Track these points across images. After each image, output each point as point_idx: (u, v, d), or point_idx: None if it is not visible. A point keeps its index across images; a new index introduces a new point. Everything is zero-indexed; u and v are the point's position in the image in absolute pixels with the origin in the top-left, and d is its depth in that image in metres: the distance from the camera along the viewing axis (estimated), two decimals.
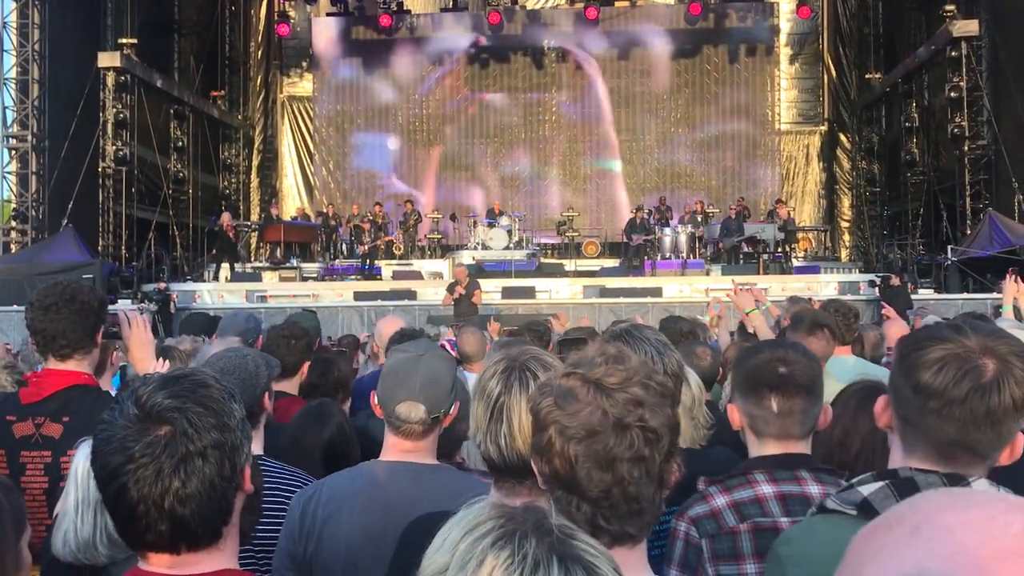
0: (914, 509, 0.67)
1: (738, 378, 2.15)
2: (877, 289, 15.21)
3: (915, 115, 19.77)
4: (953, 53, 17.39)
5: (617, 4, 24.58)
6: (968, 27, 17.07)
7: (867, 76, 22.69)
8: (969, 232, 16.60)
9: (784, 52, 24.65)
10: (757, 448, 2.09)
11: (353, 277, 18.55)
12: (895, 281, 14.66)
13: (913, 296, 14.66)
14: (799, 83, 24.74)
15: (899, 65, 20.22)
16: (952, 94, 17.35)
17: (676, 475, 1.34)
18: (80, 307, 2.64)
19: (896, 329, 5.39)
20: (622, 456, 1.27)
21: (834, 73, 24.26)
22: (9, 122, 16.93)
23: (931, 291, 15.81)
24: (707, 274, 18.03)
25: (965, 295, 14.92)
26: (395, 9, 24.36)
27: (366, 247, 19.23)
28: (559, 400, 1.32)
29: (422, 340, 2.39)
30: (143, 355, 2.85)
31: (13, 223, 16.93)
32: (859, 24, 23.49)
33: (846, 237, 23.85)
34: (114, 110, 17.91)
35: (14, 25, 16.82)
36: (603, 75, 24.56)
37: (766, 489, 2.01)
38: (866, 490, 1.47)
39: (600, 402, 1.29)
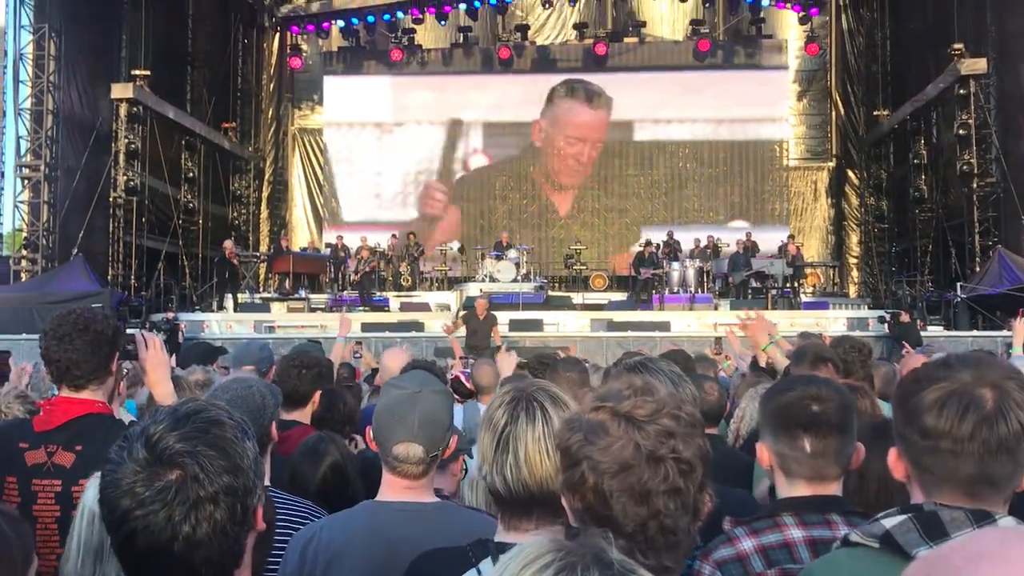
0: (946, 559, 0.65)
1: (768, 416, 2.07)
2: (887, 326, 15.15)
3: (923, 152, 19.80)
4: (961, 91, 17.46)
5: (626, 40, 24.84)
6: (976, 65, 17.15)
7: (875, 113, 22.78)
8: (978, 269, 16.57)
9: (792, 88, 24.79)
10: (787, 488, 2.01)
11: (361, 308, 18.57)
12: (905, 318, 14.61)
13: (923, 333, 14.59)
14: (807, 119, 24.85)
15: (907, 102, 20.30)
16: (961, 131, 17.39)
17: (709, 506, 1.33)
18: (94, 336, 2.62)
19: (912, 364, 5.35)
20: (657, 489, 1.26)
21: (842, 110, 24.37)
22: (23, 151, 17.07)
23: (941, 328, 15.76)
24: (715, 309, 18.00)
25: (975, 332, 14.87)
26: (406, 44, 24.63)
27: (358, 276, 19.27)
28: (589, 435, 1.31)
29: (417, 374, 2.36)
30: (158, 377, 2.83)
31: (24, 251, 17.00)
32: (867, 62, 23.64)
33: (855, 273, 23.82)
34: (126, 140, 18.06)
35: (30, 57, 17.01)
36: (611, 109, 24.69)
37: (795, 533, 1.92)
38: (889, 523, 1.45)
39: (632, 435, 1.28)
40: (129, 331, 2.85)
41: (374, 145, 25.29)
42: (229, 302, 18.62)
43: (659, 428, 1.29)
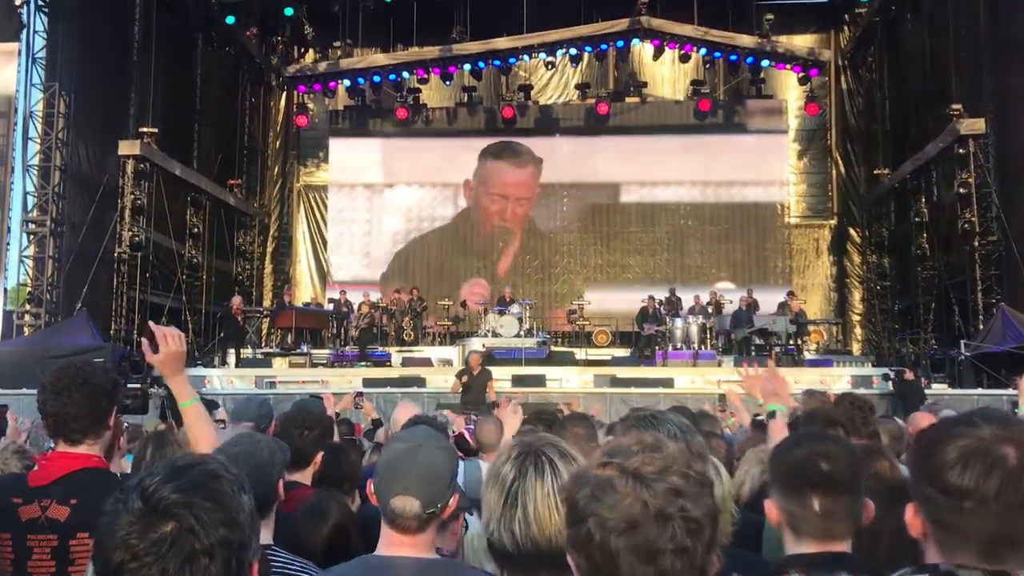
0: None
1: (777, 473, 2.06)
2: (891, 383, 15.08)
3: (924, 210, 19.91)
4: (961, 150, 17.61)
5: (627, 100, 25.17)
6: (975, 125, 17.33)
7: (876, 172, 22.95)
8: (982, 327, 16.54)
9: (793, 147, 25.04)
10: (794, 546, 1.99)
11: (363, 364, 18.54)
12: (909, 376, 14.55)
13: (927, 391, 14.51)
14: (808, 177, 25.05)
15: (907, 161, 20.47)
16: (961, 190, 17.50)
17: (717, 566, 1.31)
18: (93, 390, 2.61)
19: (920, 422, 5.31)
20: (664, 548, 1.24)
21: (843, 168, 24.59)
22: (30, 207, 17.21)
23: (945, 386, 15.67)
24: (719, 365, 17.95)
25: (980, 391, 14.78)
26: (411, 103, 24.98)
27: (357, 331, 19.29)
28: (597, 491, 1.29)
29: (420, 428, 2.35)
30: (172, 371, 2.80)
31: (28, 306, 17.04)
32: (867, 121, 23.91)
33: (858, 331, 23.78)
34: (132, 196, 18.21)
35: (40, 114, 17.26)
36: (613, 168, 24.93)
37: None
38: None
39: (640, 493, 1.27)
40: (152, 325, 2.81)
41: (377, 203, 25.54)
42: (231, 357, 18.61)
43: (668, 486, 1.27)
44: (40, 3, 17.39)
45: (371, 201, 25.63)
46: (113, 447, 3.19)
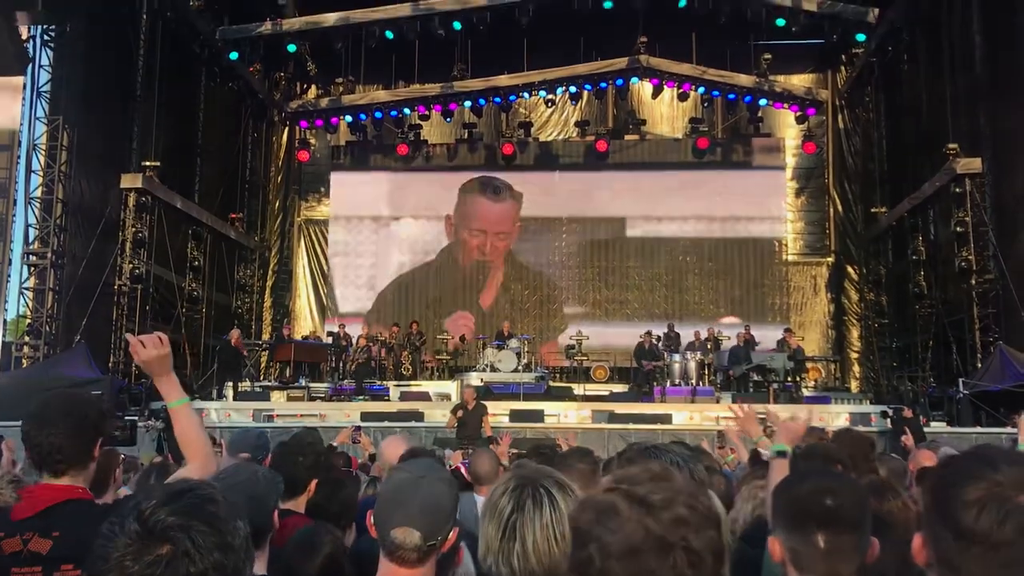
0: None
1: (780, 509, 2.02)
2: (889, 421, 15.05)
3: (922, 248, 19.99)
4: (957, 189, 17.73)
5: (627, 137, 25.39)
6: (971, 164, 17.45)
7: (873, 210, 23.06)
8: (980, 365, 16.53)
9: (790, 186, 25.18)
10: None
11: (361, 398, 18.50)
12: (907, 413, 14.50)
13: (926, 429, 14.47)
14: (805, 215, 25.16)
15: (904, 200, 20.58)
16: (958, 229, 17.60)
17: None
18: (78, 421, 2.57)
19: (922, 461, 5.31)
20: None
21: (840, 207, 24.71)
22: (31, 239, 17.28)
23: (944, 424, 15.63)
24: (717, 402, 17.89)
25: (979, 429, 14.75)
26: (412, 139, 25.19)
27: (353, 365, 19.26)
28: (601, 516, 1.29)
29: (423, 460, 2.34)
30: (159, 371, 2.77)
31: (27, 338, 17.04)
32: (864, 160, 24.07)
33: (856, 368, 23.75)
34: (133, 229, 18.30)
35: (43, 147, 17.38)
36: (612, 204, 25.06)
37: None
38: None
39: (643, 519, 1.26)
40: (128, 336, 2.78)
41: (379, 237, 25.66)
42: (229, 390, 18.58)
43: (672, 515, 1.26)
44: (46, 38, 17.59)
45: (378, 234, 25.72)
46: (107, 479, 3.19)
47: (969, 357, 17.15)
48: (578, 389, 19.76)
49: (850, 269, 24.42)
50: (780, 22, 21.02)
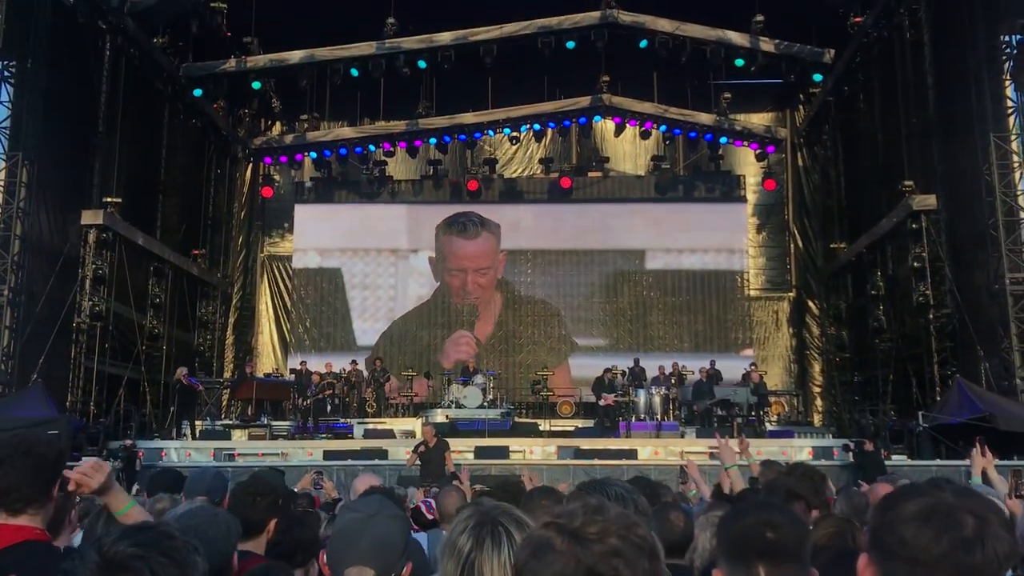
0: None
1: (723, 542, 2.04)
2: (851, 455, 15.17)
3: (880, 283, 20.31)
4: (914, 225, 18.07)
5: (590, 174, 25.65)
6: (927, 201, 17.82)
7: (832, 246, 23.45)
8: (939, 398, 16.75)
9: (751, 221, 25.55)
10: None
11: (324, 436, 18.30)
12: (869, 447, 14.64)
13: (887, 462, 14.62)
14: (766, 251, 25.52)
15: (863, 236, 20.95)
16: (915, 264, 17.92)
17: None
18: (36, 460, 2.54)
19: (881, 492, 5.36)
20: None
21: (800, 243, 25.10)
22: None
23: (904, 457, 15.79)
24: (682, 436, 17.95)
25: (938, 461, 14.91)
26: (377, 175, 25.22)
27: (308, 401, 19.03)
28: (536, 551, 1.31)
29: (373, 498, 2.34)
30: (102, 490, 2.71)
31: None
32: (822, 197, 24.52)
33: (819, 402, 23.99)
34: (93, 266, 18.07)
35: (1, 183, 17.14)
36: (576, 241, 25.24)
37: None
38: None
39: (576, 552, 1.28)
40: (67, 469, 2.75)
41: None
42: (188, 429, 18.30)
43: (604, 547, 1.28)
44: (6, 74, 17.44)
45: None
46: (64, 521, 3.13)
47: (929, 390, 17.38)
48: (544, 425, 19.74)
49: (811, 303, 24.74)
50: (739, 62, 21.45)
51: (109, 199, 18.74)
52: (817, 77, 22.50)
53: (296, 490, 7.23)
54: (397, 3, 19.60)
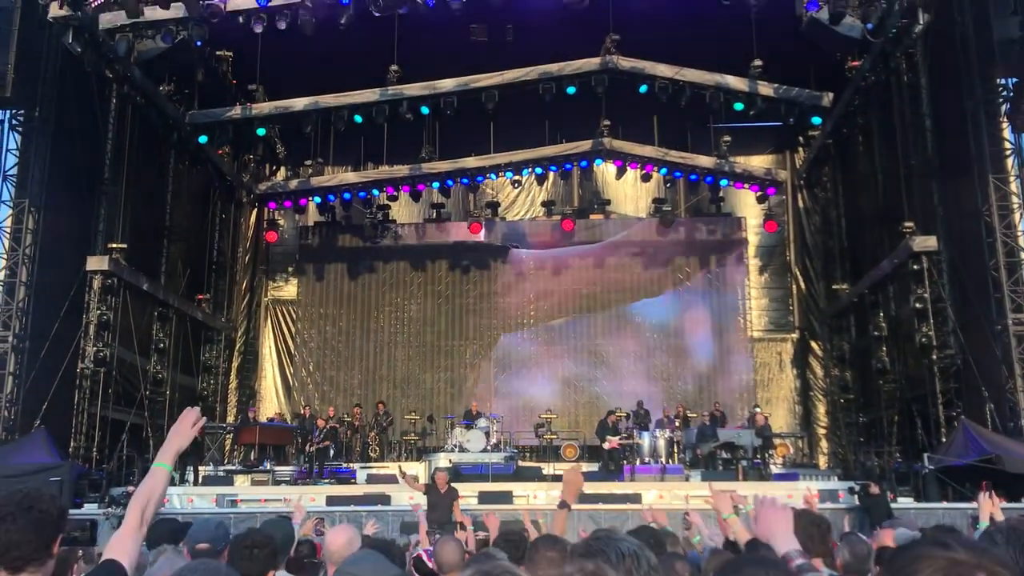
0: None
1: None
2: (856, 497, 15.05)
3: (883, 324, 20.29)
4: (915, 266, 18.07)
5: (592, 217, 25.79)
6: (927, 242, 17.86)
7: (834, 287, 23.47)
8: (944, 440, 16.66)
9: (753, 263, 25.62)
10: None
11: (327, 481, 18.21)
12: (874, 490, 14.52)
13: (893, 505, 14.51)
14: (769, 292, 25.56)
15: (864, 277, 20.99)
16: (917, 305, 17.89)
17: None
18: (38, 516, 2.54)
19: (884, 540, 5.34)
20: None
21: (802, 284, 25.14)
22: None
23: (911, 500, 15.66)
24: (686, 479, 17.84)
25: (945, 504, 14.78)
26: (380, 219, 25.40)
27: (313, 447, 18.98)
28: None
29: (369, 558, 2.33)
30: (180, 444, 2.91)
31: None
32: (824, 238, 24.60)
33: (824, 444, 23.84)
34: (98, 312, 18.13)
35: (8, 230, 17.30)
36: (579, 283, 25.33)
37: None
38: None
39: None
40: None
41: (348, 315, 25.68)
42: (191, 474, 18.24)
43: None
44: (14, 122, 17.69)
45: (355, 310, 25.77)
46: (66, 574, 3.14)
47: (934, 431, 17.27)
48: (547, 469, 19.60)
49: (814, 345, 24.70)
50: (738, 106, 21.67)
51: (114, 245, 18.87)
52: (816, 120, 22.70)
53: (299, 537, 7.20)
54: (400, 50, 19.86)
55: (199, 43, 18.78)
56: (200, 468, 18.99)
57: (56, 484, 14.45)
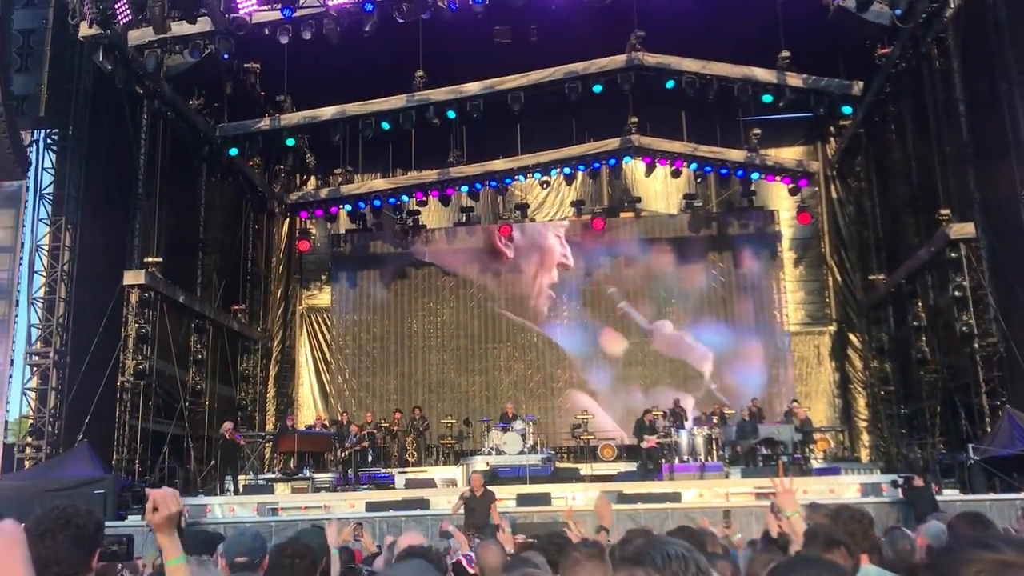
0: None
1: None
2: (900, 491, 14.83)
3: (922, 314, 19.99)
4: (953, 254, 17.77)
5: (622, 215, 25.67)
6: (964, 230, 17.56)
7: (871, 277, 23.18)
8: (989, 430, 16.36)
9: (788, 256, 25.36)
10: None
11: (366, 487, 18.30)
12: (918, 482, 14.31)
13: (938, 497, 14.27)
14: (804, 285, 25.27)
15: (901, 267, 20.70)
16: (956, 293, 17.58)
17: None
18: (76, 532, 2.60)
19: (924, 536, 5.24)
20: None
21: (838, 276, 24.84)
22: (33, 339, 17.33)
23: (956, 491, 15.40)
24: (726, 477, 17.69)
25: (992, 496, 14.50)
26: (411, 225, 25.50)
27: (346, 452, 19.06)
28: None
29: (413, 566, 2.32)
30: (168, 529, 2.72)
31: (29, 439, 16.93)
32: (859, 228, 24.29)
33: (864, 437, 23.53)
34: (136, 325, 18.36)
35: (46, 247, 17.58)
36: (612, 282, 25.23)
37: None
38: None
39: None
40: (147, 490, 2.77)
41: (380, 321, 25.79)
42: (231, 484, 18.41)
43: None
44: (48, 141, 17.97)
45: (387, 316, 25.88)
46: None
47: (978, 421, 16.96)
48: (585, 469, 19.56)
49: (852, 337, 24.39)
50: (767, 98, 21.46)
51: (150, 259, 19.10)
52: (847, 109, 22.41)
53: (335, 545, 7.22)
54: (424, 55, 19.92)
55: (226, 56, 18.95)
56: (240, 477, 19.15)
57: (100, 497, 14.66)
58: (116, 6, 16.27)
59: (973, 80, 17.52)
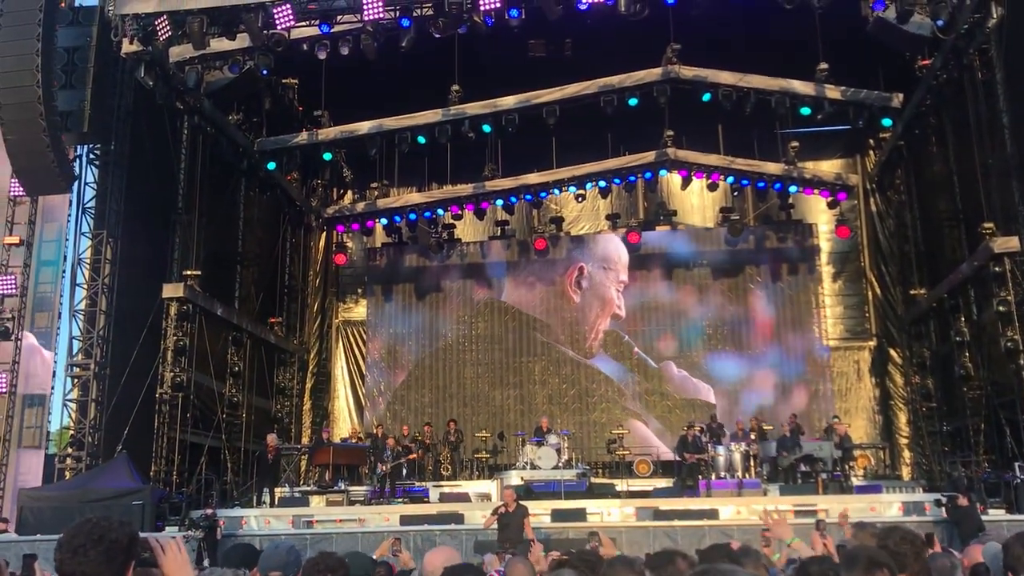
0: None
1: None
2: (944, 510, 14.50)
3: (965, 329, 19.61)
4: (996, 268, 17.44)
5: (658, 228, 25.53)
6: (1009, 243, 17.20)
7: (912, 292, 22.80)
8: None
9: (826, 270, 25.04)
10: None
11: (400, 501, 18.29)
12: (962, 501, 13.98)
13: (984, 517, 13.94)
14: (844, 299, 24.94)
15: (943, 281, 20.33)
16: (1001, 308, 17.23)
17: None
18: (109, 546, 2.57)
19: (974, 556, 5.09)
20: None
21: (878, 290, 24.48)
22: (75, 351, 17.59)
23: (1003, 511, 15.02)
24: (764, 494, 17.43)
25: None
26: (446, 238, 25.57)
27: (388, 467, 19.07)
28: None
29: None
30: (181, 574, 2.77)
31: (70, 449, 17.17)
32: (899, 242, 23.92)
33: (906, 454, 23.09)
34: (175, 338, 18.58)
35: (88, 260, 17.86)
36: (648, 296, 25.07)
37: None
38: None
39: None
40: (143, 535, 2.77)
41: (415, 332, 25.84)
42: (267, 496, 18.51)
43: None
44: (91, 156, 18.28)
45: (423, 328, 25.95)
46: None
47: None
48: (621, 485, 19.39)
49: (893, 352, 23.99)
50: (805, 110, 21.25)
51: (189, 272, 19.34)
52: (887, 122, 22.12)
53: (375, 557, 7.21)
54: (461, 71, 20.00)
55: (265, 72, 19.16)
56: (276, 490, 19.25)
57: (138, 508, 14.80)
58: (156, 23, 16.54)
59: (1017, 91, 17.18)
